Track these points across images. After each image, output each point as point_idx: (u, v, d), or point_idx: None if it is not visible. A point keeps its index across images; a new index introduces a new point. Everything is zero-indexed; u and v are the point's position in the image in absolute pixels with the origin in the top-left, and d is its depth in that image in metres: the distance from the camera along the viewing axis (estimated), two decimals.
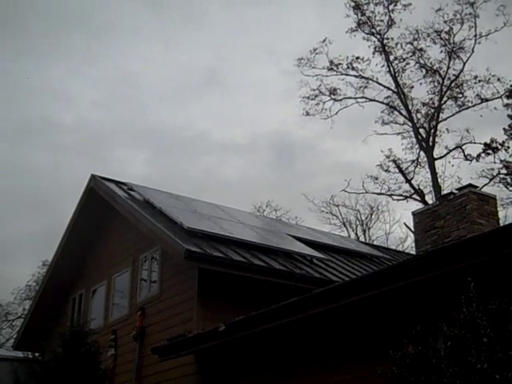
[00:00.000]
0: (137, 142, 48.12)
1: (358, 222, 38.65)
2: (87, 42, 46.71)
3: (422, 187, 32.75)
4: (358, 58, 33.74)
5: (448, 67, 32.84)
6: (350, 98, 34.27)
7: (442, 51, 32.91)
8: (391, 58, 33.61)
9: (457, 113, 32.76)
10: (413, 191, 32.97)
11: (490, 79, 31.75)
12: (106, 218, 15.57)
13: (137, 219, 13.06)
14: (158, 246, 12.69)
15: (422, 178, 32.88)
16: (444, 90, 32.88)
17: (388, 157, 33.33)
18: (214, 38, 46.19)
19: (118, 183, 15.28)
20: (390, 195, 34.15)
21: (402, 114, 33.73)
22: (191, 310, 11.21)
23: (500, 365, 4.43)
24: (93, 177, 15.34)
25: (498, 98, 31.51)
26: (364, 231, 38.60)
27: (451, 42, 32.65)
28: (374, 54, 33.72)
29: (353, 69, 33.89)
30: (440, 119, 32.93)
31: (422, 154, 32.90)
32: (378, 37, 33.64)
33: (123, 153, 48.59)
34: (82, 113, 48.09)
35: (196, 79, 49.35)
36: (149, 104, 48.92)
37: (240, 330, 8.94)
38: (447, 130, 32.75)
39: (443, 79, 32.91)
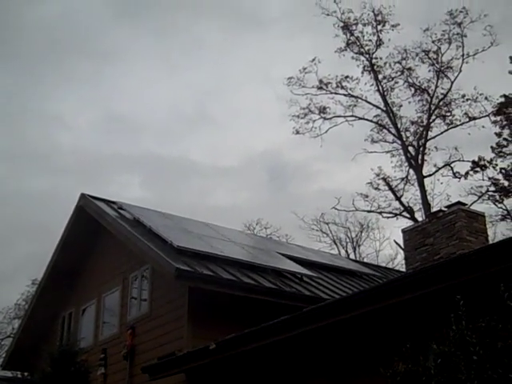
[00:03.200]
0: (132, 167, 48.26)
1: (348, 240, 38.73)
2: (87, 67, 47.10)
3: (411, 205, 32.92)
4: (347, 76, 33.99)
5: (436, 86, 33.16)
6: (339, 116, 34.50)
7: (430, 70, 33.26)
8: (380, 77, 33.89)
9: (445, 131, 33.05)
10: (402, 209, 33.10)
11: (477, 98, 32.06)
12: (96, 237, 15.53)
13: (127, 238, 13.04)
14: (148, 264, 12.67)
15: (412, 195, 33.06)
16: (432, 108, 33.14)
17: (378, 175, 33.51)
18: (209, 63, 46.83)
19: (107, 202, 15.28)
20: (380, 213, 34.28)
21: (391, 132, 33.96)
22: (181, 329, 11.19)
23: (489, 382, 4.45)
24: (82, 195, 15.32)
25: (485, 116, 31.81)
26: (354, 249, 38.66)
27: (439, 61, 32.97)
28: (362, 73, 34.03)
29: (342, 87, 34.13)
30: (429, 137, 33.16)
31: (411, 171, 33.11)
32: (367, 56, 33.93)
33: (119, 177, 48.70)
34: (80, 136, 48.39)
35: (191, 104, 49.82)
36: (145, 127, 49.28)
37: (230, 349, 8.93)
38: (436, 148, 33.02)
39: (431, 98, 33.19)
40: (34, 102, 47.60)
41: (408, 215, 32.49)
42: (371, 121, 34.22)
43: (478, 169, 30.81)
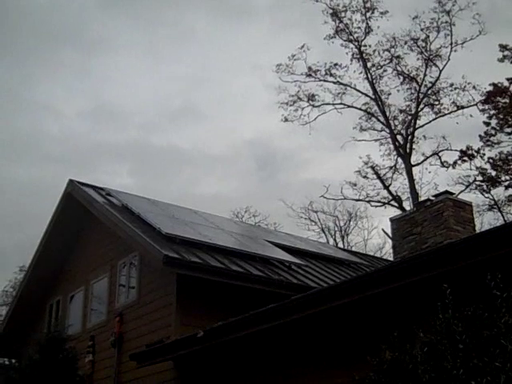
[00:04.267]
0: (121, 155, 48.16)
1: (336, 228, 38.84)
2: (75, 57, 46.89)
3: (399, 193, 33.06)
4: (336, 64, 33.99)
5: (425, 74, 33.22)
6: (328, 104, 34.50)
7: (418, 59, 33.33)
8: (369, 64, 33.92)
9: (433, 120, 33.15)
10: (391, 197, 33.22)
11: (465, 87, 32.18)
12: (84, 224, 15.49)
13: (115, 225, 13.02)
14: (137, 251, 12.66)
15: (400, 184, 33.20)
16: (421, 97, 33.21)
17: (366, 163, 33.61)
18: (198, 52, 46.71)
19: (96, 188, 15.23)
20: (369, 201, 34.38)
21: (379, 120, 34.00)
22: (169, 316, 11.20)
23: (475, 371, 4.49)
24: (71, 181, 15.26)
25: (473, 105, 31.92)
26: (342, 237, 38.79)
27: (428, 49, 33.02)
28: (351, 60, 34.03)
29: (331, 75, 34.12)
30: (417, 126, 33.28)
31: (399, 160, 33.21)
32: (356, 44, 33.94)
33: (107, 166, 48.63)
34: (68, 125, 48.18)
35: (179, 93, 49.74)
36: (133, 116, 49.17)
37: (218, 336, 8.95)
38: (424, 136, 33.13)
39: (420, 86, 33.25)
40: (22, 91, 47.48)
41: (396, 204, 32.62)
42: (360, 109, 34.29)
43: (465, 158, 30.97)
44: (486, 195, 30.58)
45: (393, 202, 33.00)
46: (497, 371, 4.28)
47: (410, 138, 33.03)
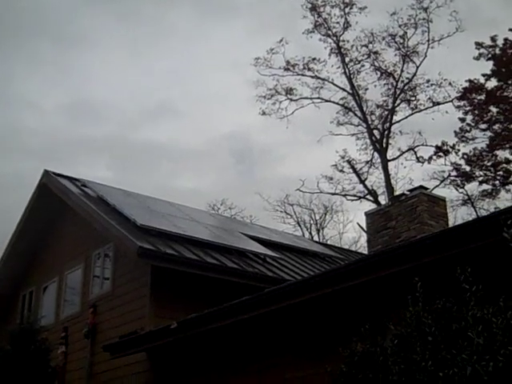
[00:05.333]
0: (98, 150, 47.66)
1: (312, 222, 38.97)
2: (55, 52, 46.53)
3: (375, 188, 33.24)
4: (314, 58, 34.05)
5: (402, 70, 33.43)
6: (305, 98, 34.56)
7: (396, 54, 33.50)
8: (347, 59, 34.03)
9: (410, 115, 33.36)
10: (366, 192, 33.38)
11: (441, 83, 32.42)
12: (59, 215, 15.39)
13: (90, 216, 12.96)
14: (112, 242, 12.63)
15: (376, 178, 33.38)
16: (397, 92, 33.41)
17: (343, 157, 33.69)
18: (178, 48, 46.63)
19: (71, 179, 15.12)
20: (344, 195, 34.50)
21: (356, 115, 34.16)
22: (144, 308, 11.20)
23: (443, 363, 4.56)
24: (46, 172, 15.14)
25: (449, 101, 32.17)
26: (318, 231, 38.93)
27: (405, 45, 33.22)
28: (329, 55, 34.12)
29: (309, 69, 34.19)
30: (393, 121, 33.49)
31: (375, 155, 33.39)
32: (334, 39, 34.02)
33: (84, 160, 48.00)
34: (45, 119, 47.75)
35: (158, 88, 49.49)
36: (111, 111, 48.79)
37: (192, 328, 8.98)
38: (400, 132, 33.33)
39: (397, 82, 33.45)
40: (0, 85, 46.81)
41: (372, 198, 32.80)
42: (337, 103, 34.41)
43: (441, 154, 31.20)
44: (460, 190, 30.87)
45: (368, 196, 33.19)
46: (463, 363, 4.36)
47: (386, 133, 33.27)
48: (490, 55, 29.77)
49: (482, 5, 37.48)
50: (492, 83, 29.93)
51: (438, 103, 32.57)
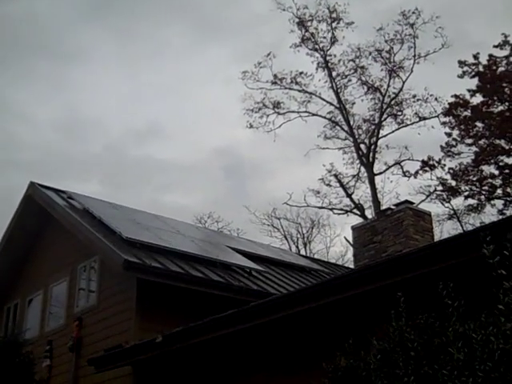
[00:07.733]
0: (90, 165, 47.69)
1: (299, 236, 39.04)
2: (51, 67, 46.63)
3: (362, 202, 33.41)
4: (301, 72, 34.27)
5: (388, 85, 33.73)
6: (293, 111, 34.77)
7: (382, 69, 33.82)
8: (334, 74, 34.29)
9: (396, 130, 33.64)
10: (353, 206, 33.53)
11: (427, 98, 32.76)
12: (44, 227, 15.34)
13: (75, 228, 12.93)
14: (97, 255, 12.60)
15: (363, 192, 33.57)
16: (384, 107, 33.66)
17: (330, 171, 33.87)
18: (171, 65, 47.06)
19: (57, 191, 15.07)
20: (331, 209, 34.63)
21: (343, 129, 34.35)
22: (129, 321, 11.17)
23: (426, 378, 4.60)
24: (32, 184, 15.07)
25: (435, 116, 32.46)
26: (305, 244, 38.99)
27: (391, 60, 33.53)
28: (317, 69, 34.37)
29: (296, 83, 34.41)
30: (380, 136, 33.70)
31: (362, 169, 33.58)
32: (322, 53, 34.28)
33: (78, 174, 48.06)
34: (40, 134, 47.73)
35: (150, 104, 49.70)
36: (105, 125, 48.94)
37: (177, 342, 8.97)
38: (387, 146, 33.59)
39: (383, 97, 33.71)
40: None
41: (358, 212, 32.94)
42: (324, 117, 34.63)
43: (427, 168, 31.39)
44: (446, 205, 31.05)
45: (355, 210, 33.33)
46: (444, 378, 4.39)
47: (373, 147, 33.47)
48: (473, 73, 30.05)
49: (469, 27, 38.02)
50: (477, 99, 30.23)
51: (425, 118, 32.88)
